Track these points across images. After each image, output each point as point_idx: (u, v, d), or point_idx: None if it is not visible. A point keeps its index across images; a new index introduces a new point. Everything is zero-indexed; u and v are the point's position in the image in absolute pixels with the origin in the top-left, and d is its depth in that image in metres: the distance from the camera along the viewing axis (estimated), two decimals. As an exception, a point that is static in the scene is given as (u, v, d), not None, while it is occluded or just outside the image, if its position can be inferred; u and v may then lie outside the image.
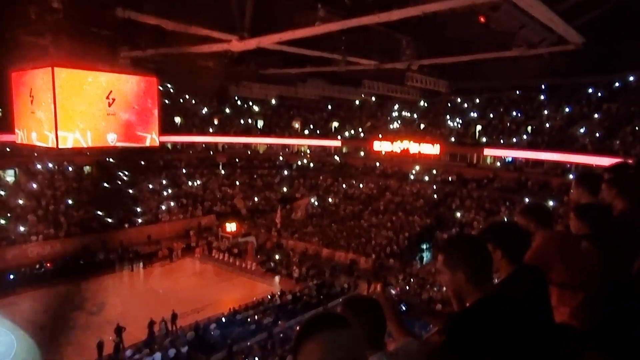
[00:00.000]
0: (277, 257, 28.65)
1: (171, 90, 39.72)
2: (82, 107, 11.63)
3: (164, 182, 36.73)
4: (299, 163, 43.53)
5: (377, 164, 38.97)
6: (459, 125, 36.44)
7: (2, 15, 12.26)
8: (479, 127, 35.30)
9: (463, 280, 1.94)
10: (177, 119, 39.22)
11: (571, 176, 26.37)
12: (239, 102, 44.39)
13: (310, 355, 1.20)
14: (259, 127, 44.09)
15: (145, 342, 17.73)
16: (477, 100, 36.88)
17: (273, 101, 44.41)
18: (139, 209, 32.05)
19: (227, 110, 43.95)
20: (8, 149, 29.82)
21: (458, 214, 30.20)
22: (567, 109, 31.82)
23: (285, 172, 42.48)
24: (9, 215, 26.88)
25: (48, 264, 24.79)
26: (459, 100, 37.56)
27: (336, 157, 42.41)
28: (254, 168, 42.85)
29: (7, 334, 17.99)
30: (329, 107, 44.34)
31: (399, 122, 40.36)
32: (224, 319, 19.54)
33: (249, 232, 31.91)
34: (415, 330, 2.29)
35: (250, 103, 44.29)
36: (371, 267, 26.77)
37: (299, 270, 26.52)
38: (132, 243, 28.71)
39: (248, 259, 28.33)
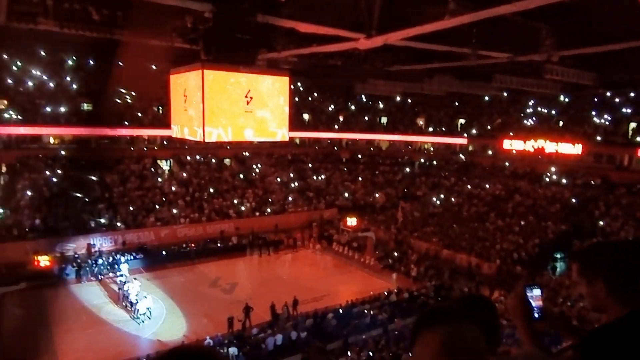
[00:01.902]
0: (395, 254, 28.54)
1: (301, 89, 41.94)
2: (225, 106, 12.82)
3: (292, 175, 38.95)
4: (422, 161, 42.59)
5: (507, 163, 36.35)
6: (608, 123, 32.15)
7: (165, 25, 14.15)
8: (632, 125, 30.74)
9: (603, 293, 1.70)
10: (306, 116, 41.16)
11: None
12: (364, 99, 44.99)
13: (428, 347, 1.17)
14: (382, 124, 44.17)
15: (269, 323, 19.04)
16: (632, 95, 32.10)
17: (398, 98, 44.07)
18: (269, 200, 34.54)
19: (352, 107, 44.85)
20: (165, 142, 34.45)
21: (601, 222, 26.76)
22: None
23: (407, 170, 41.95)
24: (164, 199, 31.07)
25: (192, 244, 28.06)
26: (608, 94, 33.09)
27: (461, 156, 40.57)
28: (376, 164, 43.13)
29: (160, 301, 20.81)
30: (456, 103, 42.51)
31: (534, 118, 37.04)
32: (341, 310, 20.08)
33: (368, 227, 32.29)
34: (544, 341, 2.10)
35: (375, 100, 44.57)
36: (495, 273, 25.17)
37: (417, 269, 26.10)
38: (261, 230, 31.03)
39: (367, 254, 28.72)
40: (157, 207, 30.14)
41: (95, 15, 14.07)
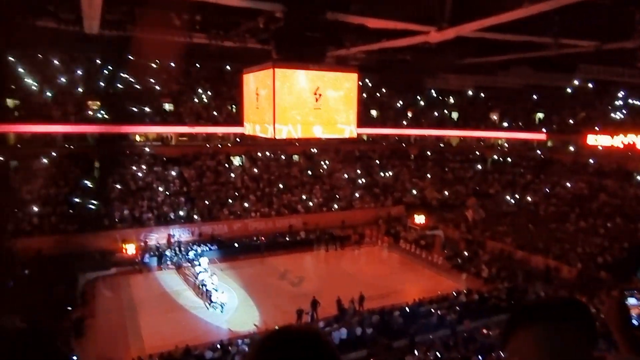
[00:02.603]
0: (465, 253, 27.62)
1: (369, 85, 41.76)
2: (295, 103, 13.12)
3: (359, 171, 38.98)
4: (495, 157, 40.72)
5: (591, 160, 33.72)
6: None
7: (239, 27, 14.72)
8: None
9: None
10: (373, 112, 40.94)
11: None
12: (433, 94, 43.86)
13: (524, 344, 1.10)
14: (453, 119, 42.79)
15: (335, 318, 19.28)
16: None
17: (469, 92, 42.46)
18: (336, 196, 34.86)
19: (421, 103, 43.89)
20: (238, 139, 35.97)
21: None
22: None
23: (479, 167, 40.32)
24: (236, 194, 32.47)
25: (262, 238, 29.08)
26: None
27: (538, 152, 38.24)
28: (445, 161, 41.92)
29: (232, 291, 21.84)
30: (534, 96, 40.09)
31: (624, 111, 33.99)
32: (407, 309, 19.85)
33: (437, 225, 31.52)
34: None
35: (446, 94, 43.27)
36: (575, 277, 23.52)
37: (488, 270, 25.08)
38: (328, 226, 31.41)
39: (435, 253, 28.08)
40: (230, 201, 31.55)
41: (176, 20, 15.03)
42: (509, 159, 39.76)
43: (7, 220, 24.70)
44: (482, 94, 42.47)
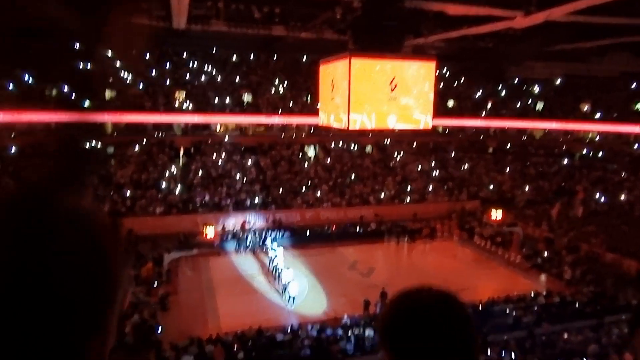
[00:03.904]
0: (545, 253, 26.00)
1: (447, 74, 40.40)
2: (370, 93, 13.11)
3: (433, 164, 38.01)
4: (584, 152, 37.69)
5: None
6: None
7: (316, 18, 14.97)
8: None
9: None
10: (450, 102, 39.59)
11: None
12: (516, 83, 41.43)
13: None
14: (537, 110, 40.15)
15: (404, 310, 19.10)
16: None
17: (557, 81, 39.54)
18: (408, 188, 34.32)
19: (503, 93, 41.65)
20: (312, 130, 36.63)
21: None
22: None
23: (565, 161, 37.58)
24: (309, 183, 33.15)
25: (333, 227, 29.46)
26: None
27: (636, 147, 34.81)
28: (527, 155, 39.54)
29: (303, 277, 22.42)
30: (633, 85, 36.43)
31: None
32: (480, 307, 19.19)
33: (515, 222, 29.93)
34: None
35: (530, 83, 40.67)
36: (676, 285, 21.26)
37: (571, 272, 23.41)
38: (400, 218, 31.06)
39: (512, 251, 26.72)
40: (303, 190, 32.27)
41: (257, 13, 15.60)
42: (599, 154, 36.60)
43: (105, 201, 27.30)
44: (572, 83, 39.34)
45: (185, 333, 15.84)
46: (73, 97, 30.35)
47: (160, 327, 15.99)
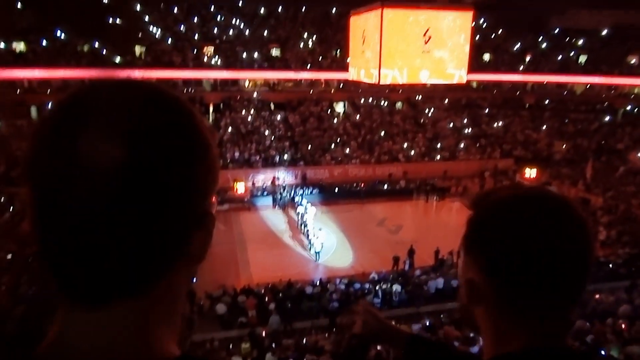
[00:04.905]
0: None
1: (483, 26, 38.41)
2: (402, 46, 12.63)
3: (465, 120, 36.94)
4: (627, 108, 35.72)
5: None
6: None
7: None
8: None
9: None
10: (486, 56, 37.86)
11: None
12: (558, 34, 39.06)
13: None
14: (580, 63, 37.95)
15: (432, 267, 19.24)
16: None
17: (604, 32, 37.02)
18: (438, 145, 33.65)
19: (543, 45, 39.43)
20: (341, 85, 35.96)
21: None
22: None
23: (607, 118, 35.80)
24: (338, 140, 32.94)
25: (362, 184, 29.44)
26: None
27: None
28: (566, 111, 37.81)
29: (331, 234, 22.74)
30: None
31: None
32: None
33: (549, 181, 29.10)
34: None
35: (574, 35, 38.26)
36: None
37: (606, 233, 22.82)
38: (429, 176, 30.69)
39: (546, 210, 26.12)
40: (332, 147, 32.14)
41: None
42: (646, 110, 34.70)
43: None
44: (620, 34, 36.75)
45: (218, 283, 16.49)
46: (104, 53, 30.68)
47: (194, 279, 16.68)
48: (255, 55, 34.10)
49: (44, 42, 29.66)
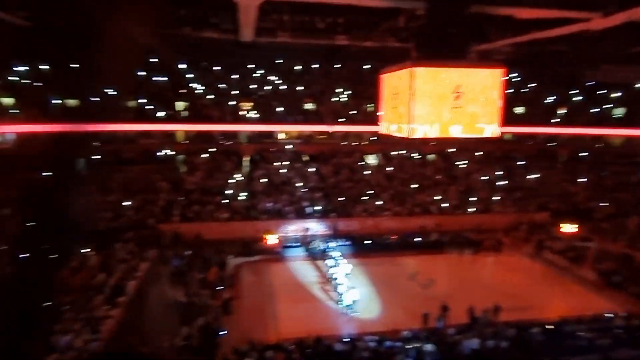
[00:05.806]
0: (624, 270, 23.95)
1: (515, 80, 38.71)
2: (433, 102, 12.88)
3: (499, 173, 36.45)
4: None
5: None
6: None
7: (380, 27, 14.95)
8: None
9: None
10: (519, 109, 37.83)
11: None
12: (592, 88, 38.81)
13: None
14: (616, 116, 37.32)
15: (466, 326, 18.38)
16: None
17: (639, 84, 36.61)
18: (471, 198, 33.13)
19: (577, 98, 39.17)
20: (374, 138, 36.54)
21: None
22: None
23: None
24: (370, 192, 33.00)
25: (393, 237, 29.07)
26: None
27: None
28: (604, 164, 36.82)
29: (361, 287, 22.26)
30: None
31: None
32: (550, 326, 18.00)
33: (590, 236, 27.91)
34: None
35: (608, 88, 37.94)
36: None
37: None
38: (463, 229, 30.06)
39: (586, 267, 24.92)
40: (364, 198, 32.17)
41: (321, 23, 15.90)
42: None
43: (173, 207, 28.83)
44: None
45: (246, 336, 16.28)
46: (148, 108, 32.55)
47: (223, 331, 16.56)
48: (290, 109, 35.33)
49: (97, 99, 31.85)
